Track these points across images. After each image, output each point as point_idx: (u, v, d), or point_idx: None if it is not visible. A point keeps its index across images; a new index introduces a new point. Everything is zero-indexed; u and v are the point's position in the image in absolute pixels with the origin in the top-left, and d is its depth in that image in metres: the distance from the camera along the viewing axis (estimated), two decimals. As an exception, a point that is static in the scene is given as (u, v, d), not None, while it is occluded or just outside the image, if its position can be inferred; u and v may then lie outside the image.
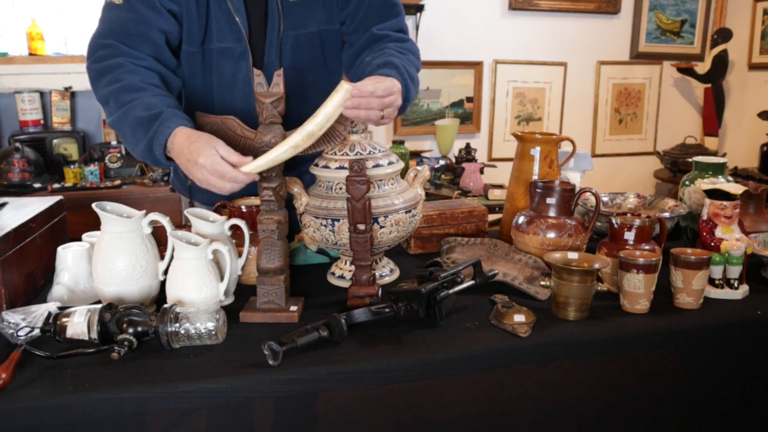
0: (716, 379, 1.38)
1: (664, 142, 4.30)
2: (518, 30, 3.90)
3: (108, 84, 1.30)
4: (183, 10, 1.40)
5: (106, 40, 1.35)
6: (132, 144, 1.28)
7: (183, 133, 1.19)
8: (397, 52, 1.48)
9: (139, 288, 1.20)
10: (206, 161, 1.13)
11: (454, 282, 1.21)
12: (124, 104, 1.26)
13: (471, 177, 3.29)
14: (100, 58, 1.34)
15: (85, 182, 2.99)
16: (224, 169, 1.13)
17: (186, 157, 1.17)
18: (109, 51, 1.34)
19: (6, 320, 1.10)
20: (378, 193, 1.30)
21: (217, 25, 1.43)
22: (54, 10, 3.28)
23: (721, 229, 1.39)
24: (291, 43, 1.48)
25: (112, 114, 1.30)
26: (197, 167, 1.15)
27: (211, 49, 1.45)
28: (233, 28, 1.43)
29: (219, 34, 1.43)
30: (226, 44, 1.44)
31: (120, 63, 1.32)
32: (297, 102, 1.52)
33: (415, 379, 1.12)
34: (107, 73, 1.31)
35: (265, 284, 1.22)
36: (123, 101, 1.27)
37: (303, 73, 1.52)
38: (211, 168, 1.13)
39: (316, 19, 1.49)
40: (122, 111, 1.27)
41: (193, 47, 1.45)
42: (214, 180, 1.15)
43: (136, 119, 1.24)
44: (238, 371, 1.02)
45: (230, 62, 1.46)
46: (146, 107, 1.24)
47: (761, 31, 4.07)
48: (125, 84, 1.28)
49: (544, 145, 1.58)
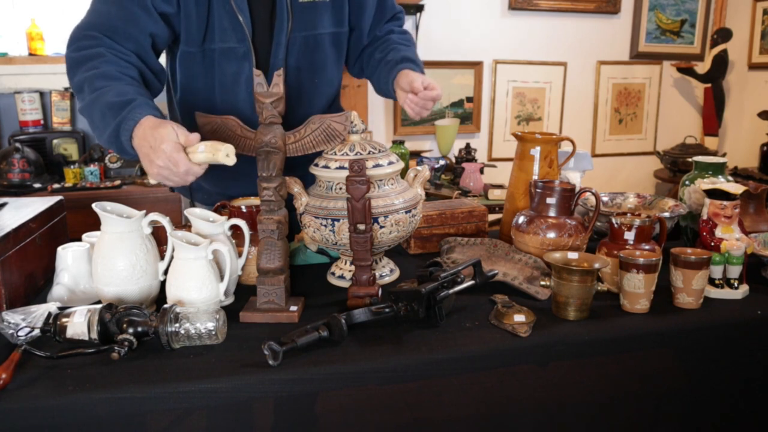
0: (716, 379, 1.38)
1: (664, 142, 4.30)
2: (518, 30, 3.90)
3: (85, 71, 1.27)
4: (180, 10, 1.38)
5: (90, 31, 1.32)
6: (100, 129, 1.24)
7: (149, 122, 1.16)
8: (404, 45, 1.51)
9: (139, 288, 1.20)
10: (167, 147, 1.11)
11: (454, 282, 1.21)
12: (97, 89, 1.23)
13: (471, 177, 3.29)
14: (81, 47, 1.31)
15: (85, 182, 3.00)
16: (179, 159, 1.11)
17: (149, 144, 1.13)
18: (91, 42, 1.31)
19: (6, 320, 1.10)
20: (378, 193, 1.30)
21: (220, 24, 1.40)
22: (54, 10, 3.28)
23: (721, 229, 1.39)
24: (299, 44, 1.46)
25: (84, 99, 1.26)
26: (158, 153, 1.12)
27: (212, 49, 1.43)
28: (236, 28, 1.40)
29: (221, 34, 1.41)
30: (228, 44, 1.42)
31: (100, 52, 1.29)
32: (301, 103, 1.52)
33: (415, 379, 1.12)
34: (86, 61, 1.28)
35: (265, 284, 1.22)
36: (96, 87, 1.24)
37: (309, 74, 1.51)
38: (170, 155, 1.11)
39: (327, 21, 1.48)
40: (94, 95, 1.23)
41: (192, 47, 1.42)
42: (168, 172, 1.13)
43: (107, 104, 1.21)
44: (238, 371, 1.02)
45: (233, 62, 1.44)
46: (119, 93, 1.21)
47: (761, 31, 4.07)
48: (102, 71, 1.26)
49: (544, 145, 1.58)
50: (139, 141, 1.17)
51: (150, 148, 1.13)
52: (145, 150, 1.15)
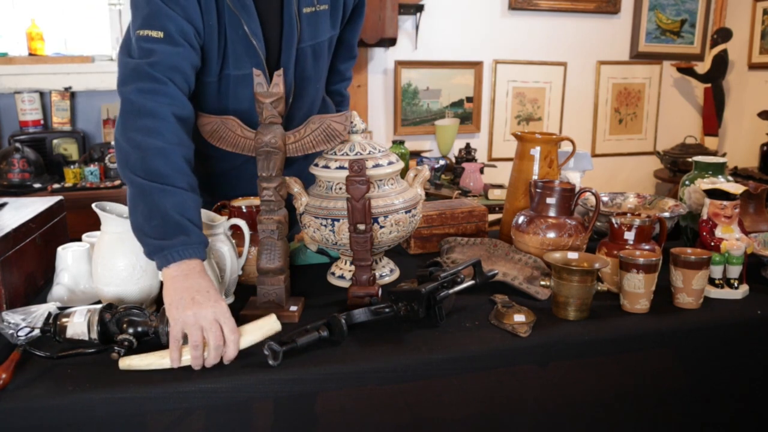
0: (716, 379, 1.38)
1: (664, 142, 4.30)
2: (518, 30, 3.90)
3: (146, 133, 1.16)
4: (204, 43, 1.32)
5: (154, 71, 1.20)
6: (137, 217, 1.13)
7: (201, 268, 1.10)
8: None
9: (139, 288, 1.20)
10: (217, 312, 1.04)
11: (454, 282, 1.21)
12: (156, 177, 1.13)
13: (471, 177, 3.29)
14: (146, 91, 1.19)
15: (85, 182, 2.99)
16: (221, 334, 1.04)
17: (195, 290, 1.05)
18: (156, 86, 1.19)
19: (6, 320, 1.10)
20: (378, 193, 1.30)
21: (234, 51, 1.35)
22: (54, 10, 3.28)
23: (721, 229, 1.39)
24: (307, 54, 1.44)
25: (137, 172, 1.14)
26: (199, 307, 1.04)
27: (227, 76, 1.37)
28: (251, 53, 1.36)
29: (236, 61, 1.36)
30: (243, 71, 1.36)
31: (165, 116, 1.18)
32: (306, 109, 1.52)
33: (415, 379, 1.12)
34: (147, 116, 1.17)
35: (265, 284, 1.22)
36: (152, 171, 1.13)
37: (315, 81, 1.51)
38: (215, 320, 1.03)
39: (326, 27, 1.48)
40: (149, 183, 1.12)
41: (210, 77, 1.37)
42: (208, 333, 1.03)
43: (161, 210, 1.11)
44: (238, 371, 1.02)
45: (248, 88, 1.36)
46: (178, 207, 1.12)
47: (761, 30, 4.06)
48: (164, 150, 1.15)
49: (544, 145, 1.58)
50: (178, 276, 1.08)
51: (194, 295, 1.05)
52: (179, 291, 1.06)
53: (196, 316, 1.03)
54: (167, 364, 1.01)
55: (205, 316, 1.03)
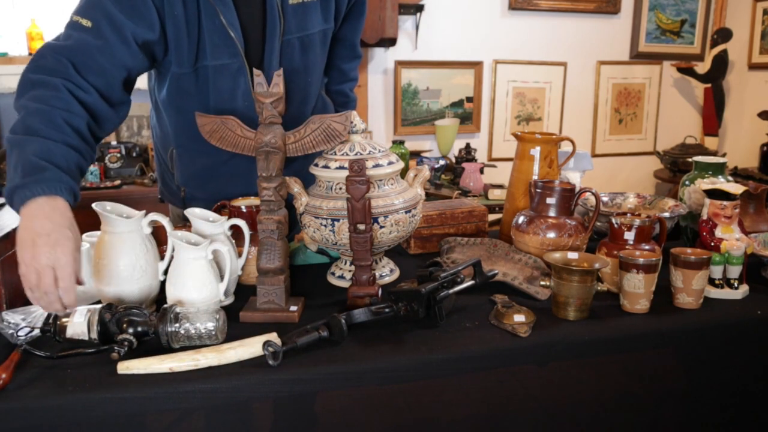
0: (716, 378, 1.38)
1: (664, 142, 4.30)
2: (518, 30, 3.90)
3: (30, 99, 1.16)
4: (169, 34, 1.32)
5: (60, 56, 1.21)
6: (9, 172, 1.12)
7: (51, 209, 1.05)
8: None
9: (139, 288, 1.20)
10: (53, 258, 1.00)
11: (454, 282, 1.21)
12: (29, 131, 1.12)
13: (471, 177, 3.29)
14: (40, 68, 1.20)
15: (85, 182, 2.99)
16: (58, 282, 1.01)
17: (36, 233, 1.02)
18: (55, 65, 1.20)
19: (6, 320, 1.10)
20: (378, 193, 1.30)
21: (211, 41, 1.36)
22: (54, 10, 3.28)
23: (721, 229, 1.39)
24: (294, 46, 1.45)
25: (16, 131, 1.14)
26: (36, 249, 1.00)
27: (205, 67, 1.38)
28: (228, 44, 1.36)
29: (213, 51, 1.37)
30: (221, 61, 1.38)
31: (56, 85, 1.18)
32: (297, 103, 1.52)
33: (415, 379, 1.12)
34: (38, 87, 1.18)
35: (265, 284, 1.22)
36: (29, 128, 1.13)
37: (303, 74, 1.51)
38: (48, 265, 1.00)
39: (317, 19, 1.48)
40: (21, 137, 1.12)
41: (184, 68, 1.37)
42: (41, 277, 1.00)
43: (23, 156, 1.09)
44: (238, 371, 1.02)
45: (228, 78, 1.40)
46: (40, 152, 1.10)
47: (761, 31, 4.06)
48: (45, 110, 1.15)
49: (544, 145, 1.58)
50: (30, 215, 1.04)
51: (37, 235, 1.01)
52: (28, 230, 1.03)
53: (33, 259, 1.01)
54: (166, 368, 1.01)
55: (39, 260, 1.00)
